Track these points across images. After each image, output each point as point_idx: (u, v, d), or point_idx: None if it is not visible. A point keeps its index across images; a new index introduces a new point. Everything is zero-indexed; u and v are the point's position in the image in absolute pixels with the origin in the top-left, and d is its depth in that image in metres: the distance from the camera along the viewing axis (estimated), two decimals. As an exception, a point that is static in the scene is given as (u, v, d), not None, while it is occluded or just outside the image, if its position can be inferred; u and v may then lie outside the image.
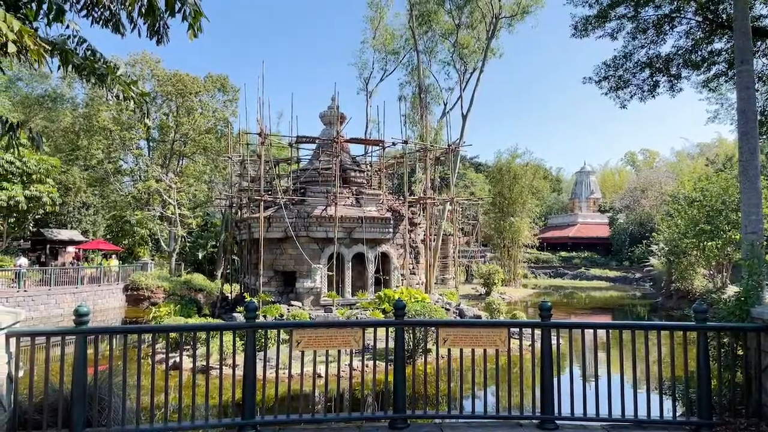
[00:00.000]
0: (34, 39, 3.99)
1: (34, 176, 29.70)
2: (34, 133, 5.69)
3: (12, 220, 31.29)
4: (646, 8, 13.01)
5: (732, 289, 20.49)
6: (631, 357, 5.60)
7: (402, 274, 22.54)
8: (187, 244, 41.47)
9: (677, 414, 5.66)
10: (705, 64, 13.72)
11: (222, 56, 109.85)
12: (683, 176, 40.30)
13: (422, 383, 6.25)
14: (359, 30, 72.26)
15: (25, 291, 25.40)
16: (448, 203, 28.84)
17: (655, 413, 5.68)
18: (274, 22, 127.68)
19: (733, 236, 21.81)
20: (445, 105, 43.69)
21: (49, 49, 5.11)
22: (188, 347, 13.02)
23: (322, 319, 17.15)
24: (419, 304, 16.70)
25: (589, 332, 6.10)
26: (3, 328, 4.71)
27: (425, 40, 42.19)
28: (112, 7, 5.94)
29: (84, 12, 5.95)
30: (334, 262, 21.01)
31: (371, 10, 45.42)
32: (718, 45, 13.42)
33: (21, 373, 5.21)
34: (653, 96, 14.36)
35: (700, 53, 13.50)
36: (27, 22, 5.67)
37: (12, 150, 5.51)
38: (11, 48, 3.77)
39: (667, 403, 5.71)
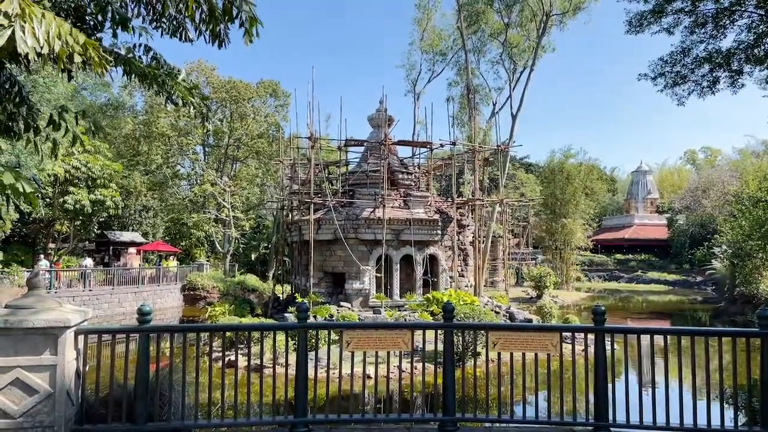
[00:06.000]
0: (98, 52, 4.23)
1: (98, 181, 31.34)
2: (91, 121, 5.94)
3: (78, 222, 33.16)
4: (705, 2, 12.53)
5: (802, 294, 19.35)
6: (691, 364, 5.40)
7: (450, 277, 22.41)
8: (241, 246, 42.64)
9: (739, 424, 5.43)
10: (769, 59, 13.07)
11: (272, 60, 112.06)
12: (747, 175, 38.37)
13: (472, 387, 6.23)
14: (407, 32, 72.48)
15: (90, 290, 26.76)
16: (498, 205, 28.48)
17: (715, 422, 5.46)
18: (323, 25, 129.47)
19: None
20: (494, 105, 43.08)
21: (112, 60, 5.38)
22: (243, 346, 13.44)
23: (371, 321, 17.27)
24: (468, 307, 16.58)
25: (645, 338, 5.92)
26: (72, 326, 4.98)
27: (474, 40, 41.76)
28: (178, 17, 6.21)
29: (153, 24, 6.25)
30: (383, 263, 21.11)
31: (419, 11, 45.43)
32: (783, 39, 12.76)
33: (87, 369, 5.49)
34: (713, 92, 13.82)
35: (763, 48, 12.87)
36: (95, 32, 6.01)
37: (70, 138, 5.72)
38: (77, 59, 4.03)
39: (728, 413, 5.48)
